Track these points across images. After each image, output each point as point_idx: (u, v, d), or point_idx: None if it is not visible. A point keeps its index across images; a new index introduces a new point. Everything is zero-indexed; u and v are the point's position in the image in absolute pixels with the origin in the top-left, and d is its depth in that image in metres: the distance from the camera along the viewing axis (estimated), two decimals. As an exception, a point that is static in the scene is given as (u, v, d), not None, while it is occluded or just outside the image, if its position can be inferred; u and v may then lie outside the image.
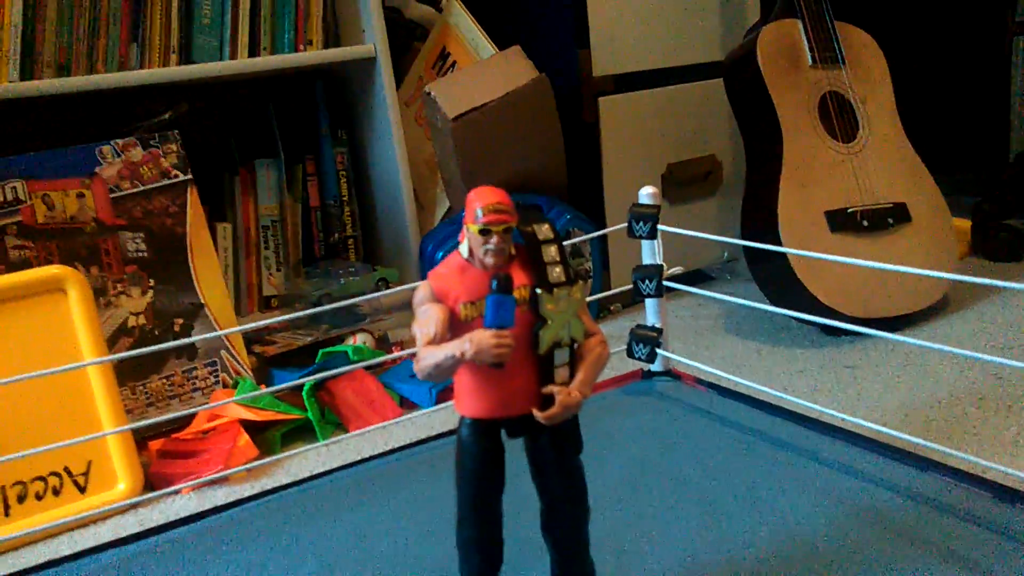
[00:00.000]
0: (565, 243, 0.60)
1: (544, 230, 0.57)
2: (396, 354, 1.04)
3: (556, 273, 0.56)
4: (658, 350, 0.95)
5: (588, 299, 1.11)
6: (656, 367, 1.01)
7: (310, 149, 1.48)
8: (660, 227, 0.91)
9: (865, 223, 1.25)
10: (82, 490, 0.95)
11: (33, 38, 1.19)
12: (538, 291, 0.55)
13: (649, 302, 0.97)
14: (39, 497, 0.93)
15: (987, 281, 0.68)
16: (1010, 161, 1.79)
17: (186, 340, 1.10)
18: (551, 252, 0.56)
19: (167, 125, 1.28)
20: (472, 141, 1.28)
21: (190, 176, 1.21)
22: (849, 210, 1.25)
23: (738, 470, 0.81)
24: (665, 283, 0.95)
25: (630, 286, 0.97)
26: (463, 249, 0.56)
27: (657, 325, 0.97)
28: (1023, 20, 1.77)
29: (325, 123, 1.47)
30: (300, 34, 1.36)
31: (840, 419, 0.85)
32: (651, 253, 0.94)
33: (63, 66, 1.22)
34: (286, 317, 1.00)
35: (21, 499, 0.92)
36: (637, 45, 1.43)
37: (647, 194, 0.93)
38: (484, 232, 0.54)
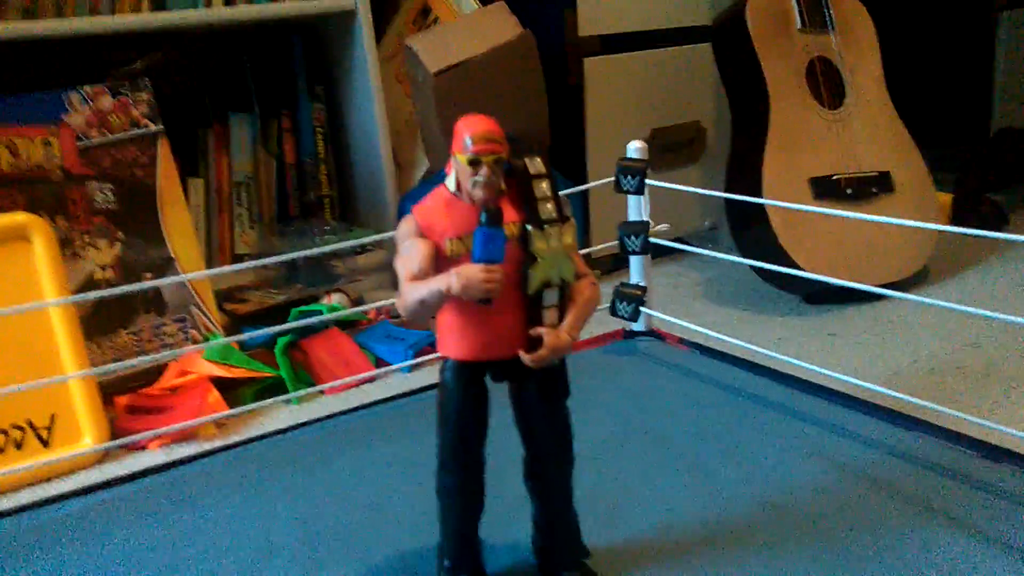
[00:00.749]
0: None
1: (536, 164, 0.55)
2: (369, 306, 1.01)
3: (548, 209, 0.54)
4: (642, 308, 0.93)
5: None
6: (638, 327, 1.00)
7: (286, 104, 1.44)
8: (648, 182, 0.89)
9: (849, 191, 1.24)
10: (45, 444, 0.91)
11: (-3, -22, 1.14)
12: (528, 228, 0.53)
13: (634, 259, 0.95)
14: (1, 450, 0.89)
15: (975, 232, 0.67)
16: (991, 136, 1.79)
17: (155, 282, 1.05)
18: (543, 187, 0.54)
19: (139, 74, 1.24)
20: (454, 97, 1.25)
21: (161, 127, 1.16)
22: (833, 177, 1.24)
23: (721, 429, 0.80)
24: (651, 241, 0.93)
25: (612, 243, 0.95)
26: (449, 182, 0.54)
27: (641, 283, 0.95)
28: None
29: (302, 78, 1.43)
30: (278, -16, 1.32)
31: (824, 376, 0.84)
32: (637, 209, 0.92)
33: (29, 10, 1.17)
34: (257, 263, 0.96)
35: (-19, 450, 0.88)
36: (624, 5, 1.40)
37: (635, 148, 0.91)
38: (473, 163, 0.51)
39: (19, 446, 0.90)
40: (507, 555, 0.61)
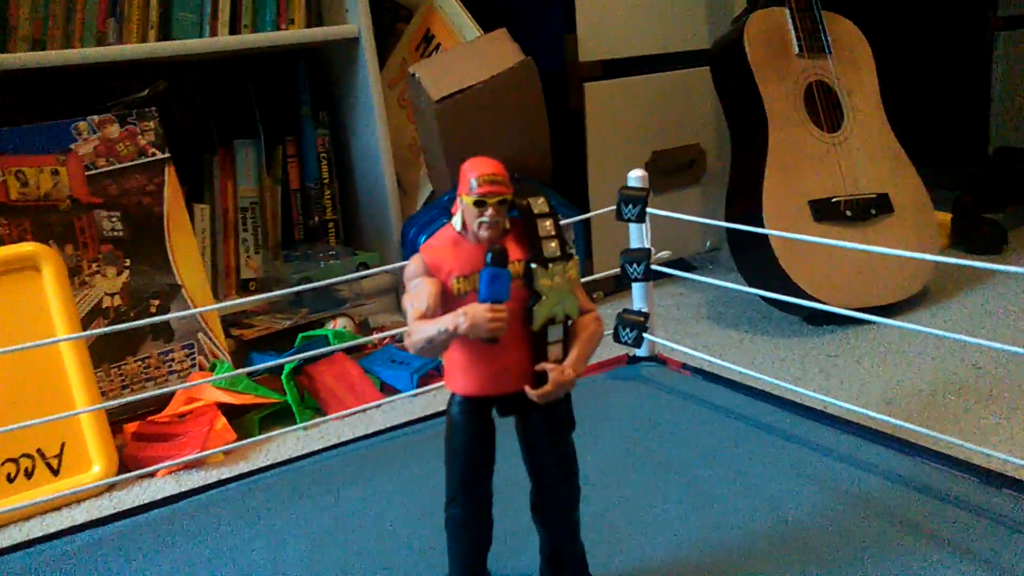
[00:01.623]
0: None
1: (539, 203, 0.56)
2: (376, 336, 1.02)
3: (551, 248, 0.55)
4: (644, 335, 0.95)
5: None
6: (642, 352, 1.01)
7: (291, 130, 1.45)
8: (649, 210, 0.90)
9: (848, 213, 1.26)
10: (55, 472, 0.92)
11: (7, 11, 1.16)
12: (533, 266, 0.54)
13: (636, 286, 0.96)
14: (11, 479, 0.90)
15: (975, 264, 0.68)
16: (989, 155, 1.80)
17: (163, 317, 1.07)
18: (546, 226, 0.55)
19: (145, 102, 1.25)
20: (456, 124, 1.27)
21: (168, 155, 1.18)
22: (833, 200, 1.26)
23: (725, 454, 0.80)
24: (652, 267, 0.94)
25: (615, 271, 0.96)
26: (456, 222, 0.55)
27: (644, 310, 0.96)
28: (1005, 15, 1.79)
29: (307, 104, 1.45)
30: (282, 12, 1.34)
31: (825, 404, 0.85)
32: (639, 237, 0.94)
33: (39, 41, 1.19)
34: (264, 296, 0.98)
35: (-8, 480, 0.89)
36: (624, 31, 1.42)
37: (636, 177, 0.92)
38: (479, 204, 0.53)
39: (29, 475, 0.91)
40: (514, 586, 0.62)
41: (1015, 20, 1.81)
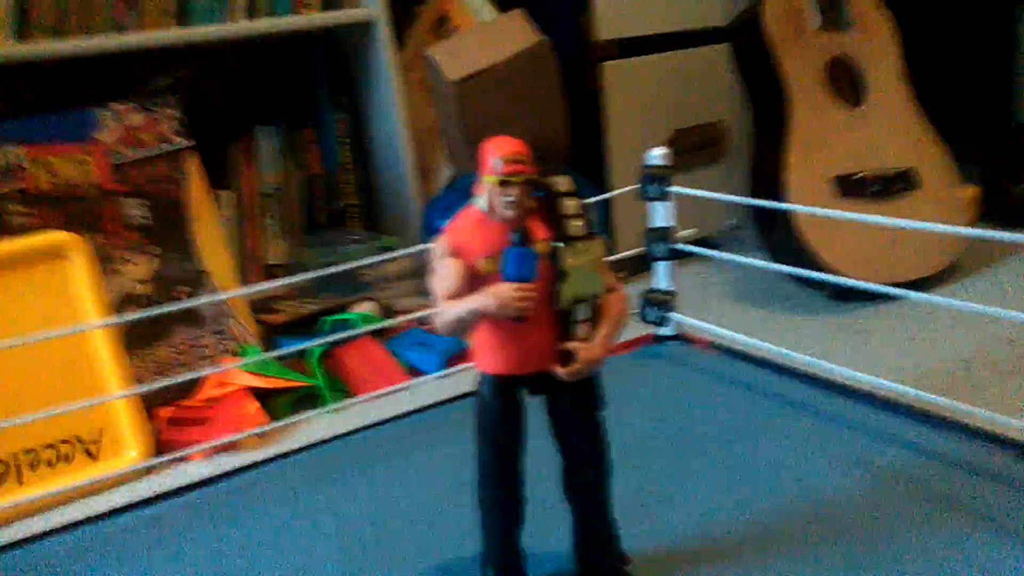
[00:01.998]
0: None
1: (564, 182, 0.56)
2: (401, 318, 1.03)
3: (576, 227, 0.55)
4: (671, 313, 0.94)
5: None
6: (667, 331, 1.01)
7: (310, 116, 1.46)
8: (672, 188, 0.90)
9: (874, 188, 1.24)
10: (94, 457, 0.94)
11: (26, 1, 1.16)
12: (558, 245, 0.54)
13: (660, 265, 0.96)
14: (51, 464, 0.92)
15: (1003, 235, 0.67)
16: (1013, 128, 1.77)
17: (191, 302, 1.08)
18: (571, 205, 0.56)
19: (166, 90, 1.26)
20: (474, 105, 1.27)
21: (191, 142, 1.19)
22: (858, 175, 1.24)
23: (754, 432, 0.81)
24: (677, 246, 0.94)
25: (637, 251, 0.96)
26: (480, 202, 0.55)
27: (669, 288, 0.96)
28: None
29: (325, 89, 1.45)
30: (300, -3, 1.34)
31: (856, 380, 0.84)
32: (663, 215, 0.93)
33: (58, 29, 1.20)
34: (290, 280, 0.99)
35: (34, 466, 0.91)
36: (641, 9, 1.41)
37: (658, 155, 0.92)
38: (503, 183, 0.53)
39: (69, 460, 0.93)
40: (549, 564, 0.63)
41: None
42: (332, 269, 0.91)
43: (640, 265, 1.42)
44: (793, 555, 0.62)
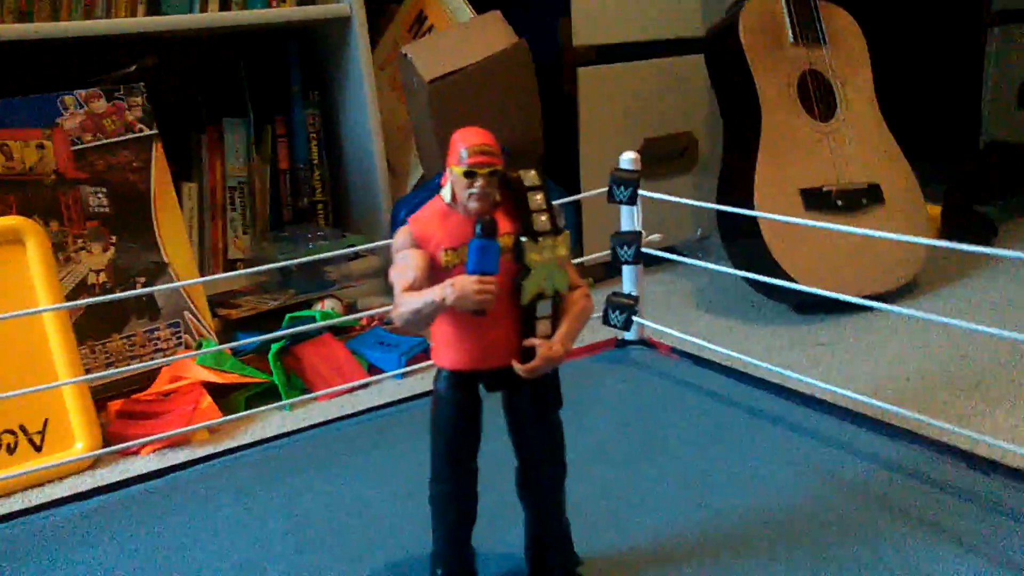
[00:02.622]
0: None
1: (531, 176, 0.55)
2: (363, 314, 1.01)
3: (542, 221, 0.54)
4: (634, 318, 0.94)
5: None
6: (630, 335, 1.00)
7: (280, 109, 1.44)
8: (640, 192, 0.90)
9: (839, 202, 1.25)
10: (38, 449, 0.91)
11: (-8, -19, 1.14)
12: (523, 239, 0.54)
13: (626, 269, 0.96)
14: (-8, 454, 0.89)
15: (963, 247, 0.68)
16: (980, 149, 1.81)
17: (148, 290, 1.06)
18: (537, 200, 0.55)
19: (133, 78, 1.24)
20: (448, 105, 1.26)
21: (156, 131, 1.17)
22: (824, 189, 1.25)
23: (714, 439, 0.80)
24: (643, 250, 0.93)
25: (605, 253, 0.96)
26: (445, 193, 0.54)
27: (634, 293, 0.96)
28: (999, 10, 1.79)
29: (297, 83, 1.43)
30: (274, -11, 1.32)
31: (816, 388, 0.84)
32: (630, 219, 0.93)
33: (25, 12, 1.17)
34: (251, 271, 0.97)
35: (-27, 455, 0.88)
36: (620, 16, 1.41)
37: (628, 159, 0.91)
38: (469, 175, 0.52)
39: (12, 450, 0.90)
40: (500, 563, 0.62)
41: (1008, 15, 1.81)
42: (295, 261, 0.90)
43: (607, 271, 1.42)
44: (751, 562, 0.62)
